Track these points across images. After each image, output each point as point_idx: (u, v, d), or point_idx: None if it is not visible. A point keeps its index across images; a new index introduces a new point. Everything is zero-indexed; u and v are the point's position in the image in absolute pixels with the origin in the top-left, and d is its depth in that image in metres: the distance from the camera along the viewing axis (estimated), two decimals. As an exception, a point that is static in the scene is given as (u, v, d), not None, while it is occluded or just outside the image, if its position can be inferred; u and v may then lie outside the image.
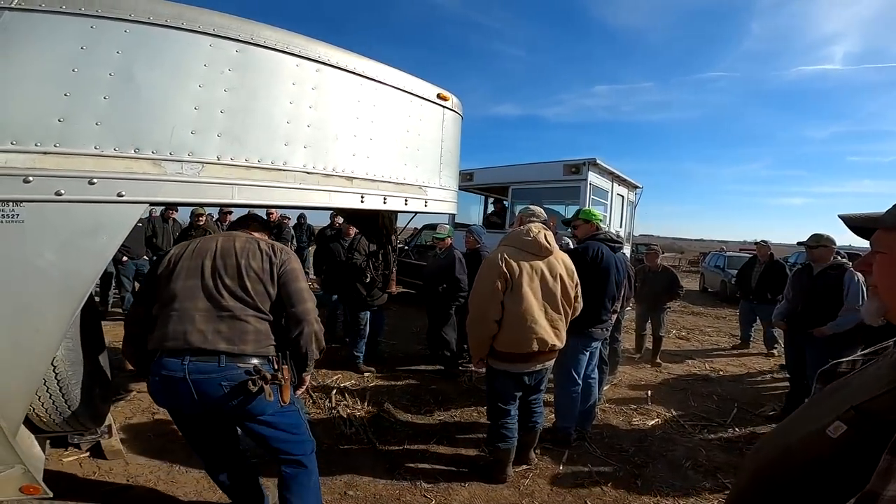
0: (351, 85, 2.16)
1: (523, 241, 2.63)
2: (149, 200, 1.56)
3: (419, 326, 6.90)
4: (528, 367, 2.66)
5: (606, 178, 6.87)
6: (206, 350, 1.64)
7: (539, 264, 2.61)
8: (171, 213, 6.72)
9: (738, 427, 3.97)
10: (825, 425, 0.72)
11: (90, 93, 1.48)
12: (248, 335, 1.69)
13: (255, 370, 1.66)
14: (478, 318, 2.58)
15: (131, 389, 3.97)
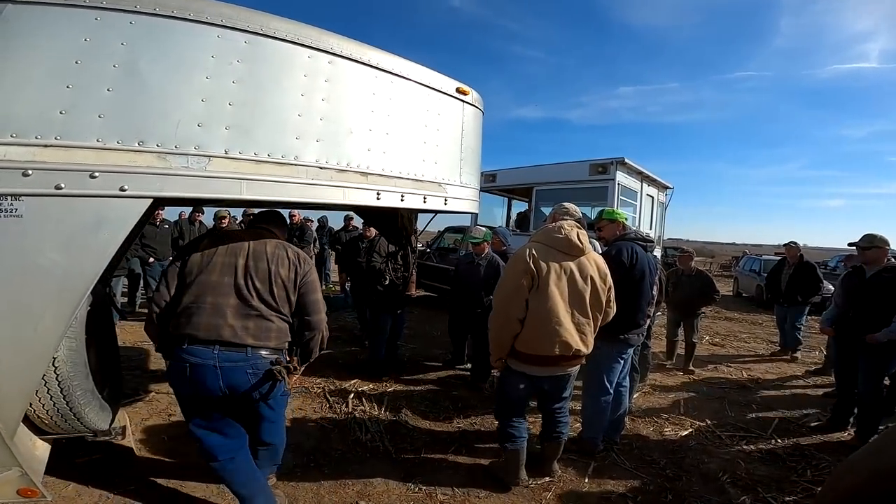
0: (365, 77, 2.08)
1: (553, 238, 2.49)
2: (153, 195, 1.50)
3: (440, 330, 6.80)
4: (548, 372, 2.53)
5: (635, 178, 6.63)
6: (235, 343, 1.82)
7: (569, 264, 2.46)
8: (197, 216, 6.82)
9: (781, 438, 3.71)
10: None
11: (93, 85, 1.44)
12: (271, 332, 1.90)
13: (277, 361, 1.90)
14: (500, 315, 2.47)
15: (151, 390, 3.99)
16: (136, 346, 5.30)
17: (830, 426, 3.88)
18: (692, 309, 5.40)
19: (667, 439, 3.62)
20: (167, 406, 3.66)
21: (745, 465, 3.21)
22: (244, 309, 1.86)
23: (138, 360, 4.83)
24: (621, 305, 2.94)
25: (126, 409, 3.48)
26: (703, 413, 4.19)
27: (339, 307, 7.94)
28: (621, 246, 3.06)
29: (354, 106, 2.03)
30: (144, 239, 5.94)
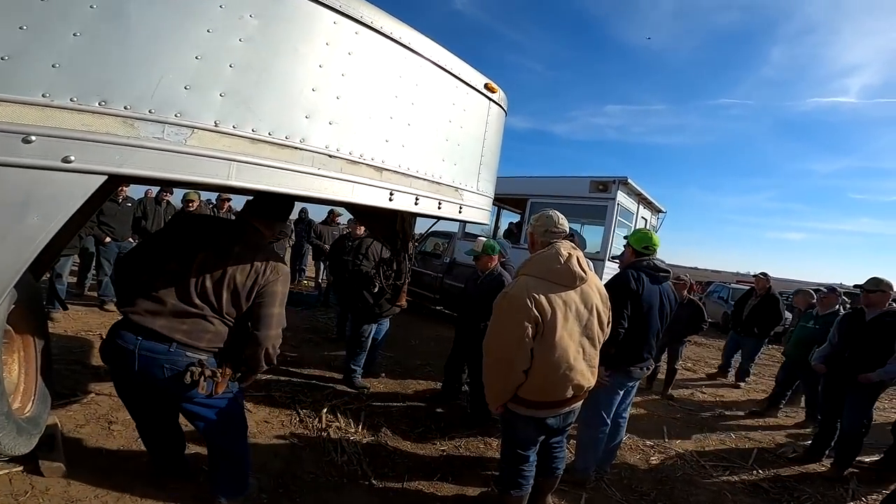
0: (394, 56, 1.76)
1: (552, 269, 2.07)
2: (109, 171, 1.12)
3: (418, 338, 6.48)
4: (557, 413, 2.24)
5: (633, 200, 6.51)
6: (163, 336, 1.72)
7: (573, 297, 2.10)
8: (165, 195, 6.21)
9: (762, 469, 3.82)
10: None
11: (55, 28, 1.07)
12: (206, 334, 1.79)
13: (199, 363, 1.77)
14: (500, 367, 2.09)
15: (90, 390, 3.46)
16: (79, 335, 4.70)
17: (808, 457, 4.04)
18: (679, 336, 5.45)
19: (654, 468, 3.57)
20: (108, 411, 3.17)
21: (731, 497, 3.24)
22: (185, 304, 1.76)
23: (79, 352, 4.23)
24: (626, 338, 2.78)
25: (59, 411, 2.98)
26: (686, 441, 4.22)
27: (312, 305, 7.50)
28: (627, 274, 2.86)
29: (377, 87, 1.71)
30: (102, 216, 5.30)
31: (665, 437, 4.21)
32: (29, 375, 1.90)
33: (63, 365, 3.85)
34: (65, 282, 5.13)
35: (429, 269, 8.11)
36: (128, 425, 2.96)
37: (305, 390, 4.02)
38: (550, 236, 2.19)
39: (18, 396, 1.84)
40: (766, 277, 6.44)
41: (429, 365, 5.34)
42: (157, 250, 1.88)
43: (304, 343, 5.56)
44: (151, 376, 1.76)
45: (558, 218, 2.23)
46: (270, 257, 1.89)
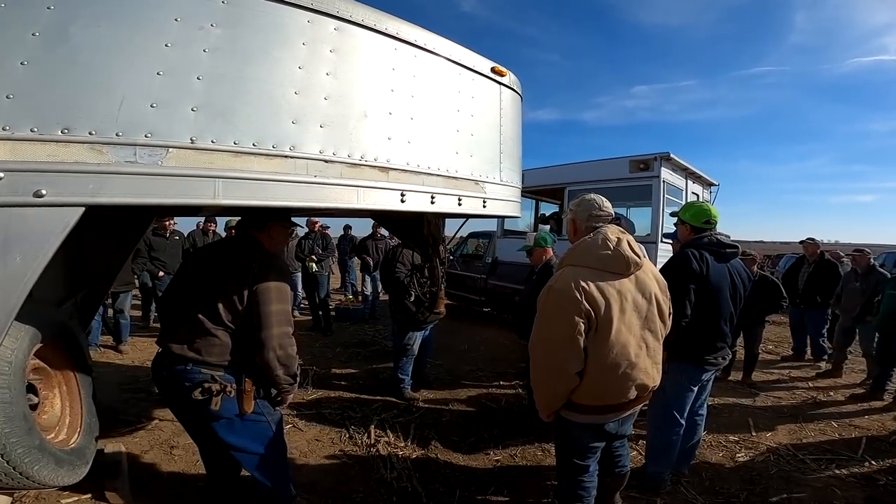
0: (383, 49, 1.65)
1: (600, 256, 1.81)
2: (83, 202, 1.06)
3: (467, 344, 6.33)
4: (618, 416, 1.98)
5: (680, 175, 6.01)
6: (180, 356, 1.77)
7: (627, 286, 1.83)
8: (210, 226, 6.49)
9: (873, 460, 3.30)
10: None
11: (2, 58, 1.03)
12: (214, 347, 1.77)
13: (212, 378, 1.75)
14: (550, 371, 1.85)
15: (154, 417, 3.63)
16: (144, 364, 4.98)
17: None
18: (756, 317, 4.89)
19: (742, 466, 3.17)
20: (170, 436, 3.31)
21: (841, 494, 2.82)
22: (192, 322, 1.78)
23: (145, 381, 4.48)
24: (695, 326, 2.45)
25: (125, 438, 3.19)
26: (777, 434, 3.74)
27: (360, 319, 7.56)
28: (688, 254, 2.51)
29: (370, 83, 1.59)
30: (153, 252, 5.62)
31: (752, 430, 3.77)
32: (73, 409, 1.96)
33: (130, 394, 4.10)
34: (127, 316, 5.45)
35: (471, 271, 7.95)
36: (188, 449, 3.08)
37: (355, 406, 3.99)
38: (595, 220, 1.96)
39: (64, 429, 1.90)
40: (814, 242, 6.01)
41: (479, 370, 5.18)
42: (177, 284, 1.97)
43: (353, 357, 5.58)
44: (179, 397, 1.81)
45: (602, 201, 2.00)
46: (258, 257, 1.81)
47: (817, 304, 5.65)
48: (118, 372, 4.70)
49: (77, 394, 2.01)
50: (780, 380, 5.36)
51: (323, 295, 6.74)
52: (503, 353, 5.92)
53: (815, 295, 5.64)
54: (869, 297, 4.92)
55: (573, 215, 2.06)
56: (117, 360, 5.07)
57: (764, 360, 6.07)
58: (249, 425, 1.87)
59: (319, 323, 6.72)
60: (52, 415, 1.85)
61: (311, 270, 6.54)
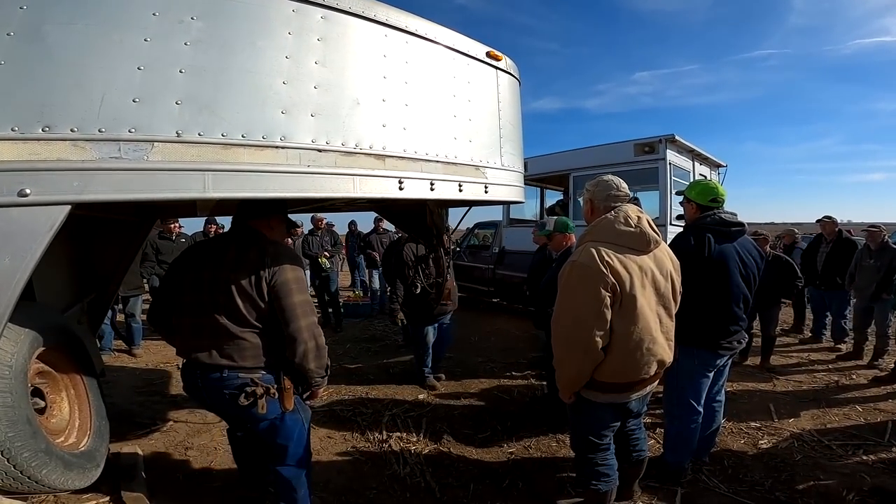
0: (373, 36, 1.61)
1: (622, 232, 1.82)
2: (69, 200, 1.04)
3: (478, 335, 6.29)
4: (637, 394, 1.97)
5: (686, 157, 5.88)
6: (211, 364, 1.71)
7: (648, 262, 1.84)
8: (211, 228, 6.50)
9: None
10: None
11: None
12: (246, 351, 1.73)
13: (252, 382, 1.72)
14: (576, 346, 1.82)
15: (169, 418, 3.65)
16: (158, 367, 5.05)
17: None
18: (771, 299, 4.77)
19: (765, 453, 3.09)
20: (185, 437, 3.33)
21: (871, 480, 2.71)
22: (215, 327, 1.71)
23: (159, 383, 4.55)
24: (702, 309, 2.38)
25: (140, 440, 3.22)
26: (800, 419, 3.64)
27: (368, 315, 7.57)
28: (688, 235, 2.46)
29: (361, 70, 1.56)
30: (161, 255, 5.64)
31: (774, 416, 3.68)
32: (83, 412, 1.98)
33: (145, 396, 4.14)
34: (139, 320, 5.50)
35: (479, 261, 7.91)
36: (202, 450, 3.12)
37: (366, 402, 3.98)
38: (613, 200, 1.96)
39: (73, 432, 1.92)
40: (832, 220, 5.77)
41: (491, 361, 5.14)
42: (171, 291, 1.86)
43: (363, 353, 5.57)
44: (220, 404, 1.80)
45: (619, 182, 2.02)
46: (266, 249, 1.75)
47: (838, 285, 5.47)
48: (132, 375, 4.75)
49: (85, 397, 2.02)
50: (800, 363, 5.22)
51: (333, 291, 6.75)
52: (514, 344, 5.88)
53: (835, 275, 5.46)
54: (885, 275, 4.77)
55: (590, 195, 2.06)
56: (131, 364, 5.13)
57: (784, 343, 5.96)
58: (290, 424, 1.87)
59: (329, 319, 6.73)
60: (61, 418, 1.86)
61: (324, 267, 6.53)
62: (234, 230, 1.86)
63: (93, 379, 2.06)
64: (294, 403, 1.85)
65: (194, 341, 1.74)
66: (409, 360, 5.11)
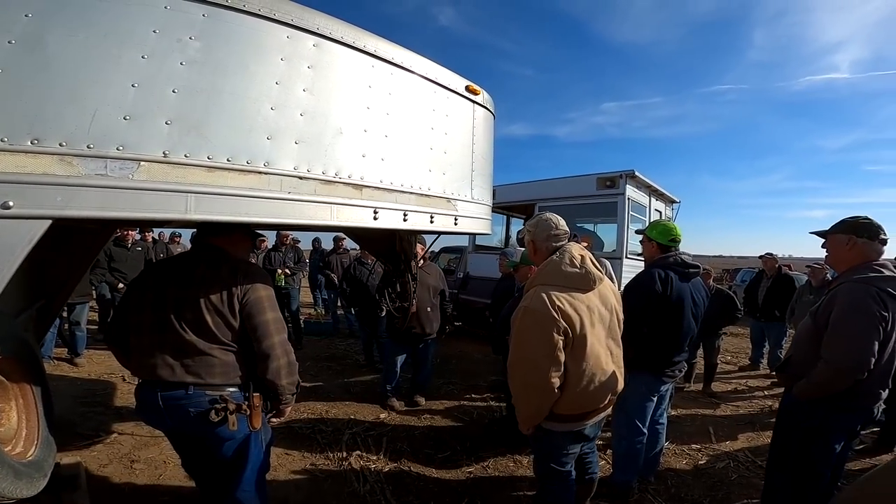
0: (360, 66, 1.67)
1: (568, 274, 1.90)
2: (51, 215, 1.04)
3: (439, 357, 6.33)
4: (594, 420, 2.08)
5: (644, 192, 6.26)
6: (174, 382, 1.67)
7: (593, 300, 1.93)
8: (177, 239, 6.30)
9: None
10: None
11: None
12: (214, 368, 1.70)
13: (221, 399, 1.69)
14: (533, 388, 1.89)
15: (113, 430, 3.51)
16: (101, 378, 4.79)
17: (877, 447, 3.73)
18: (713, 329, 5.12)
19: (705, 473, 3.32)
20: (131, 450, 3.21)
21: None
22: (180, 345, 1.67)
23: (102, 394, 4.34)
24: (652, 340, 2.59)
25: (82, 452, 3.09)
26: (737, 441, 3.92)
27: (328, 334, 7.46)
28: (652, 271, 2.67)
29: (346, 100, 1.61)
30: (113, 262, 5.40)
31: (713, 438, 3.94)
32: (30, 421, 1.88)
33: (87, 407, 3.96)
34: (84, 328, 5.21)
35: None
36: (150, 464, 3.03)
37: (326, 420, 3.94)
38: (553, 240, 2.05)
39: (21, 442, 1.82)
40: (773, 257, 6.28)
41: (451, 383, 5.19)
42: (129, 309, 1.80)
43: (324, 371, 5.49)
44: (181, 422, 1.72)
45: (558, 220, 2.09)
46: (237, 266, 1.75)
47: (776, 318, 5.92)
48: (74, 385, 4.51)
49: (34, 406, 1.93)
50: (738, 389, 5.60)
51: (294, 308, 6.64)
52: (474, 367, 5.96)
53: (774, 309, 5.91)
54: None
55: (532, 237, 2.13)
56: (72, 373, 4.86)
57: (725, 370, 6.36)
58: (254, 445, 1.83)
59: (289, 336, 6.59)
60: (9, 427, 1.77)
61: (279, 283, 6.41)
62: (198, 248, 1.85)
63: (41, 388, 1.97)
64: (263, 421, 1.83)
65: (154, 359, 1.68)
66: (371, 380, 5.10)
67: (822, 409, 2.02)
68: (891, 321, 1.91)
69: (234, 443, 1.77)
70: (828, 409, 2.02)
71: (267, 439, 1.93)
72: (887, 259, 2.07)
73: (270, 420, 1.93)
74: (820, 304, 2.11)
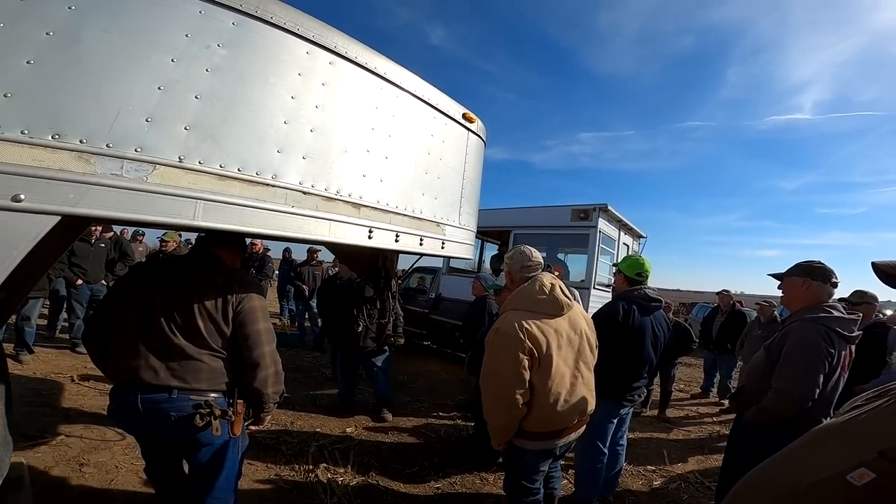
0: (370, 87, 1.73)
1: (537, 300, 2.08)
2: (62, 211, 1.04)
3: (406, 375, 6.32)
4: (564, 439, 2.17)
5: (614, 226, 6.52)
6: (157, 385, 1.64)
7: (562, 324, 2.10)
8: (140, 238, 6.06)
9: None
10: (840, 472, 0.69)
11: (9, 55, 1.01)
12: (201, 373, 1.68)
13: (205, 404, 1.67)
14: (501, 404, 2.02)
15: (60, 432, 3.32)
16: (48, 377, 4.52)
17: None
18: (669, 358, 5.47)
19: (658, 493, 3.52)
20: (79, 453, 3.06)
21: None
22: (167, 348, 1.66)
23: (48, 395, 4.09)
24: (615, 366, 2.74)
25: (26, 453, 2.91)
26: (688, 463, 4.17)
27: (294, 345, 7.30)
28: (616, 303, 2.86)
29: (353, 119, 1.66)
30: (74, 257, 5.11)
31: (666, 460, 4.15)
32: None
33: (32, 407, 3.74)
34: (34, 325, 4.91)
35: (414, 304, 7.95)
36: (101, 468, 2.90)
37: (291, 432, 3.86)
38: (528, 271, 2.21)
39: None
40: (728, 294, 6.82)
41: (418, 401, 5.18)
42: (113, 309, 1.77)
43: (289, 383, 5.29)
44: (160, 426, 1.68)
45: (531, 252, 2.26)
46: (233, 275, 1.77)
47: (728, 350, 6.35)
48: (18, 384, 4.21)
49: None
50: (690, 415, 5.93)
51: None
52: (442, 386, 5.97)
53: (726, 342, 6.35)
54: None
55: (508, 267, 2.31)
56: (17, 371, 4.55)
57: (678, 398, 6.69)
58: (231, 452, 1.81)
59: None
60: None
61: None
62: (197, 254, 1.86)
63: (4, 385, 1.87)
64: (243, 428, 1.82)
65: (137, 361, 1.65)
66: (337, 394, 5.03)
67: (770, 433, 2.18)
68: (836, 357, 2.11)
69: (211, 448, 1.75)
70: (775, 433, 2.16)
71: (244, 447, 1.92)
72: (836, 301, 2.28)
73: (248, 427, 1.92)
74: (774, 338, 2.30)
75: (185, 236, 7.24)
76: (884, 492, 0.62)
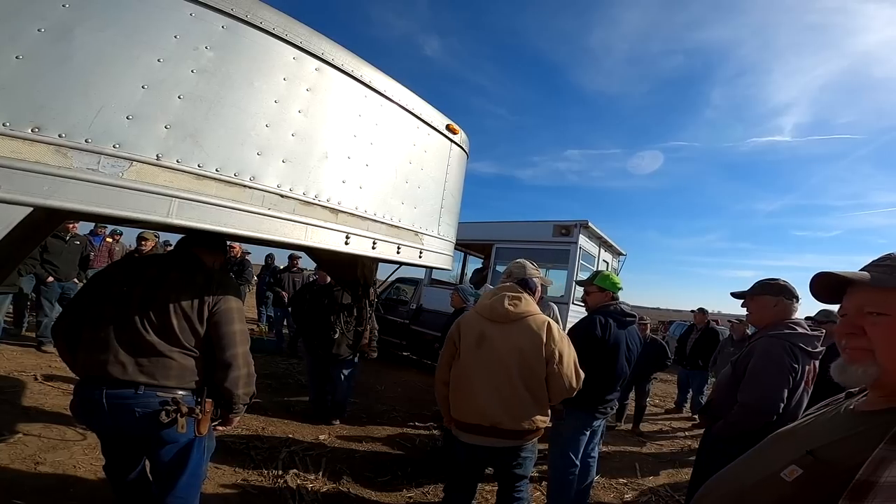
0: (354, 94, 1.77)
1: (484, 304, 2.30)
2: (34, 202, 1.04)
3: (384, 384, 6.28)
4: (479, 441, 2.20)
5: (594, 243, 6.63)
6: (124, 381, 1.62)
7: (492, 331, 2.18)
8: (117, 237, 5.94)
9: None
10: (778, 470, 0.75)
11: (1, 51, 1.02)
12: (170, 370, 1.68)
13: (172, 401, 1.66)
14: (436, 378, 2.40)
15: (18, 430, 3.21)
16: (11, 375, 4.37)
17: None
18: (644, 374, 5.59)
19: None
20: (36, 452, 2.96)
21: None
22: (138, 344, 1.65)
23: (9, 392, 3.97)
24: (591, 381, 2.73)
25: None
26: (659, 477, 4.23)
27: (271, 351, 7.20)
28: (594, 317, 2.92)
29: (336, 126, 1.70)
30: (47, 254, 4.96)
31: (638, 474, 4.19)
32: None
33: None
34: (0, 321, 4.75)
35: (394, 315, 7.93)
36: (57, 467, 2.83)
37: (262, 437, 3.80)
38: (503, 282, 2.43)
39: None
40: (703, 312, 7.02)
41: (395, 411, 5.15)
42: (89, 302, 1.76)
43: (263, 389, 5.26)
44: (124, 422, 1.66)
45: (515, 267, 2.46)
46: (212, 276, 1.78)
47: (700, 367, 6.53)
48: (-27, 380, 4.08)
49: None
50: (663, 430, 6.03)
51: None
52: (420, 396, 5.95)
53: (699, 358, 6.51)
54: None
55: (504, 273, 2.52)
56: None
57: (652, 412, 6.79)
58: (196, 451, 1.79)
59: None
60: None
61: None
62: (178, 254, 1.87)
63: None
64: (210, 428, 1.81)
65: (106, 356, 1.63)
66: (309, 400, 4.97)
67: (737, 446, 2.24)
68: (801, 372, 2.19)
69: (176, 446, 1.73)
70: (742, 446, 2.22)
71: (210, 448, 1.90)
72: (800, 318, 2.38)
73: (216, 428, 1.90)
74: (740, 354, 2.37)
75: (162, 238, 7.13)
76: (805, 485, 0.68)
